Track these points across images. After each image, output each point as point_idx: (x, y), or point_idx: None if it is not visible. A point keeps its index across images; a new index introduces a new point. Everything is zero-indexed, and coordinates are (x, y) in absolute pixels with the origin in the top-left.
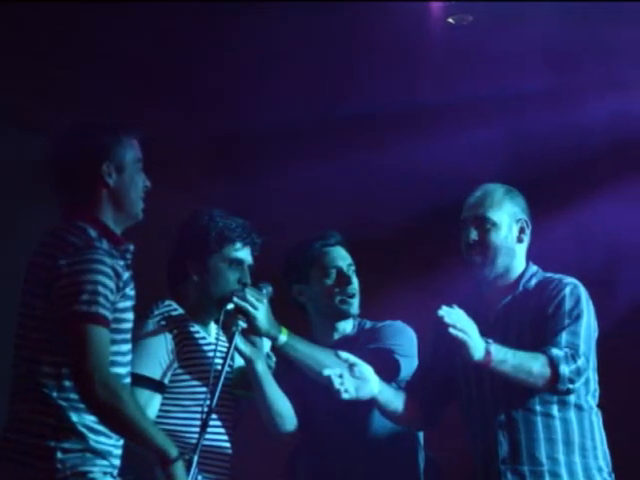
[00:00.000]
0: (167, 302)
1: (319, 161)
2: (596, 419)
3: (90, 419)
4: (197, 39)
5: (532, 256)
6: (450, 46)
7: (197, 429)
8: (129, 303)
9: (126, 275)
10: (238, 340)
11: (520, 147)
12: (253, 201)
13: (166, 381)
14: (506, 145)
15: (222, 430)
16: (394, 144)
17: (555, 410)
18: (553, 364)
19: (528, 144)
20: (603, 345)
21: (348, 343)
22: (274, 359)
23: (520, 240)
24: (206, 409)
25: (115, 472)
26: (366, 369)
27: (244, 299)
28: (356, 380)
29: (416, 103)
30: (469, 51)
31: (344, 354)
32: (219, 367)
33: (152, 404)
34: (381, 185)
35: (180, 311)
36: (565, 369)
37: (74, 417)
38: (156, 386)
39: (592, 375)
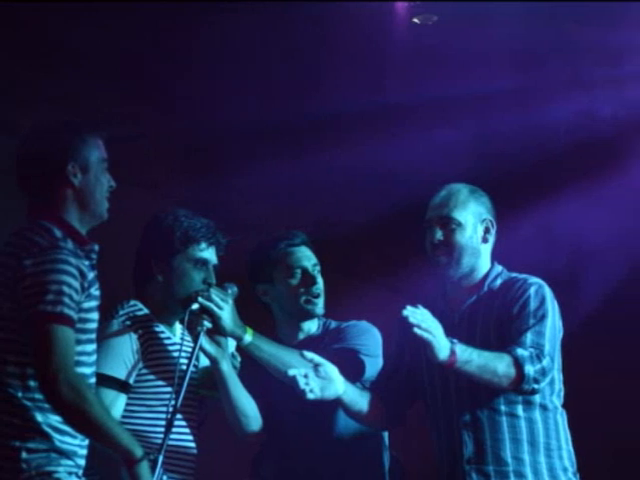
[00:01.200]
0: (132, 302)
1: (285, 161)
2: (561, 419)
3: (55, 419)
4: (166, 39)
5: (497, 256)
6: (415, 46)
7: (162, 429)
8: (94, 303)
9: (91, 275)
10: (203, 340)
11: (485, 147)
12: (220, 201)
13: (131, 381)
14: (471, 145)
15: (187, 430)
16: (359, 144)
17: (520, 410)
18: (518, 364)
19: (493, 144)
20: (568, 345)
21: (313, 343)
22: (239, 359)
23: (485, 240)
24: (171, 409)
25: (80, 472)
26: (331, 369)
27: (209, 299)
28: (321, 380)
29: (382, 103)
30: (434, 51)
31: (309, 354)
32: (184, 367)
33: (117, 404)
34: (346, 185)
35: (145, 311)
36: (530, 369)
37: (39, 417)
38: (121, 386)
39: (557, 375)
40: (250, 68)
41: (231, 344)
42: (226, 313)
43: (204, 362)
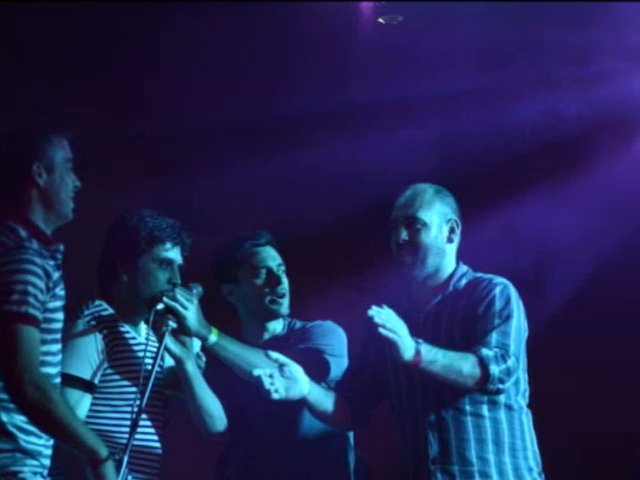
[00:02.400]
0: (97, 302)
1: (250, 161)
2: (526, 419)
3: (20, 419)
4: (131, 38)
5: (462, 256)
6: (380, 46)
7: (127, 429)
8: (59, 303)
9: (56, 275)
10: (168, 340)
11: (451, 147)
12: (185, 201)
13: (96, 381)
14: (437, 145)
15: (152, 430)
16: (325, 144)
17: (485, 410)
18: (483, 364)
19: (459, 144)
20: (533, 345)
21: (278, 343)
22: (204, 359)
23: (450, 240)
24: (136, 409)
25: (45, 472)
26: (296, 369)
27: (174, 299)
28: (286, 380)
29: (347, 103)
30: (400, 51)
31: (274, 354)
32: (149, 367)
33: (82, 404)
34: (312, 185)
35: (110, 311)
36: (495, 369)
37: (4, 417)
38: (86, 386)
39: (522, 375)
40: (216, 68)
41: (196, 344)
42: (191, 313)
43: (169, 362)
